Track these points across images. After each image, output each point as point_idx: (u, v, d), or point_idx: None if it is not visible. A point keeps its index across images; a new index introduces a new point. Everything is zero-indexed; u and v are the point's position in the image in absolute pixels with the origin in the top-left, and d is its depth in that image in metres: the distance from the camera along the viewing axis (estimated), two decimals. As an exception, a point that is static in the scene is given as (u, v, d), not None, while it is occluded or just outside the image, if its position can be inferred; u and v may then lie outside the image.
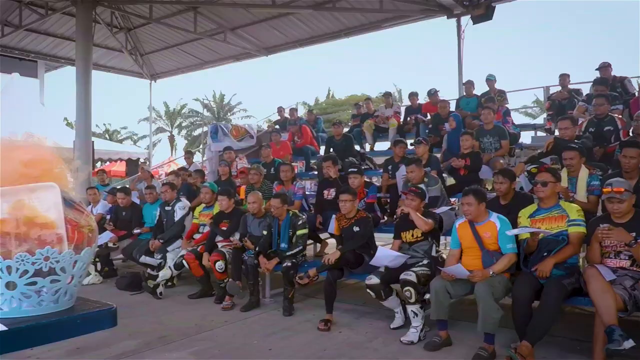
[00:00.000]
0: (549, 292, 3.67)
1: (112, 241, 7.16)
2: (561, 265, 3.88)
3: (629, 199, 3.73)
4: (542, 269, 3.79)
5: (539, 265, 3.83)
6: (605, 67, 8.08)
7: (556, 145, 5.51)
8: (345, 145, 8.61)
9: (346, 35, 13.21)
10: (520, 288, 3.84)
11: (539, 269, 3.82)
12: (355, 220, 5.15)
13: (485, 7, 10.19)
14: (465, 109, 9.15)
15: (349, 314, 5.26)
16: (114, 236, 7.20)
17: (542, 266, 3.81)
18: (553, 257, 3.82)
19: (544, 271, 3.78)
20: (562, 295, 3.67)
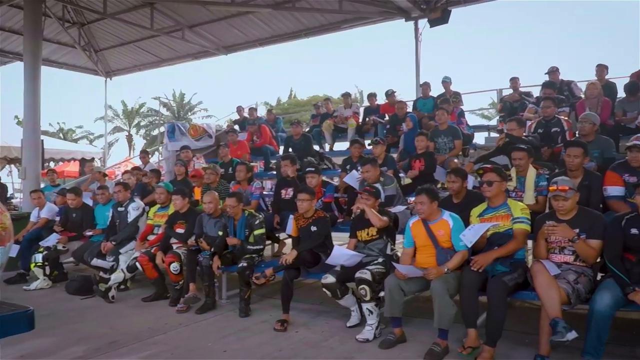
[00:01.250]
0: (491, 290, 3.79)
1: (62, 242, 6.89)
2: (507, 261, 4.00)
3: (573, 197, 3.88)
4: (480, 261, 3.88)
5: (479, 256, 3.92)
6: (553, 72, 8.41)
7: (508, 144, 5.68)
8: (304, 145, 8.62)
9: (306, 35, 13.23)
10: (467, 276, 3.93)
11: (477, 260, 3.90)
12: (313, 219, 5.15)
13: (441, 10, 10.41)
14: (422, 110, 9.32)
15: (306, 313, 5.25)
16: (63, 237, 6.93)
17: (482, 258, 3.90)
18: (495, 251, 3.93)
19: (480, 263, 3.87)
20: (505, 292, 3.78)
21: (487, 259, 3.91)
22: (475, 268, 3.87)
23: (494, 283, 3.81)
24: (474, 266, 3.89)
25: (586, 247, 3.77)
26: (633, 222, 3.65)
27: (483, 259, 3.90)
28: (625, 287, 3.48)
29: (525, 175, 4.90)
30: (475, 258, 3.92)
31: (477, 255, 3.97)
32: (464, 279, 3.93)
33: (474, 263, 3.90)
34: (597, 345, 3.46)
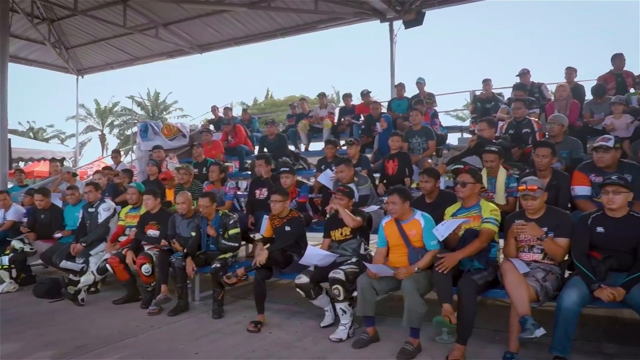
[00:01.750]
0: (462, 289, 3.83)
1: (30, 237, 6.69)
2: (482, 258, 4.05)
3: (541, 196, 3.95)
4: (446, 262, 3.90)
5: (446, 258, 3.94)
6: (524, 74, 8.57)
7: (479, 144, 5.75)
8: (279, 145, 8.59)
9: (282, 35, 13.23)
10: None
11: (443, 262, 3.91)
12: (287, 220, 5.13)
13: (415, 12, 10.54)
14: (397, 111, 9.39)
15: (280, 314, 5.23)
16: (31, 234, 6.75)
17: (448, 260, 3.92)
18: (461, 252, 3.97)
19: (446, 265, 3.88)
20: (474, 290, 3.82)
21: (453, 260, 3.94)
22: (441, 270, 3.90)
23: (464, 282, 3.85)
24: (439, 268, 3.91)
25: (554, 245, 3.84)
26: (599, 220, 3.73)
27: (449, 261, 3.93)
28: (591, 284, 3.55)
29: (496, 177, 4.98)
30: (441, 261, 3.93)
31: (444, 255, 3.98)
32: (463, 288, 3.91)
33: (439, 265, 3.92)
34: (564, 341, 3.52)
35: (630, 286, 3.45)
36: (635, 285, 3.46)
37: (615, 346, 4.12)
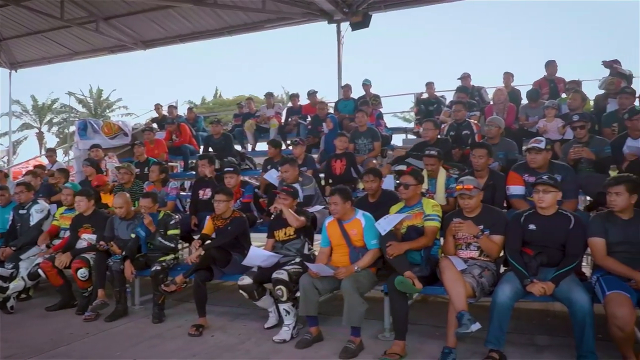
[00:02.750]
0: (390, 286, 3.92)
1: None
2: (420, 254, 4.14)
3: (477, 195, 4.09)
4: (392, 249, 3.97)
5: (393, 245, 4.00)
6: (465, 77, 8.87)
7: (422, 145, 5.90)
8: (225, 145, 8.46)
9: (229, 33, 13.06)
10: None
11: (390, 249, 3.98)
12: (231, 220, 5.06)
13: (362, 14, 10.66)
14: (343, 112, 9.48)
15: (223, 316, 5.14)
16: None
17: (395, 247, 3.99)
18: (408, 243, 4.07)
19: (392, 251, 3.96)
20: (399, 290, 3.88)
21: (400, 248, 4.01)
22: (389, 255, 3.97)
23: (389, 282, 3.94)
24: (387, 253, 3.98)
25: (489, 242, 3.99)
26: (531, 218, 3.90)
27: (396, 248, 3.99)
28: (524, 279, 3.70)
29: (437, 177, 5.11)
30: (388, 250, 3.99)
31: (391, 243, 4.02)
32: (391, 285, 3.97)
33: (388, 251, 3.98)
34: (499, 334, 3.65)
35: (559, 280, 3.62)
36: (564, 279, 3.63)
37: (547, 338, 4.32)
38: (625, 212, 3.67)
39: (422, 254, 4.14)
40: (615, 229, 3.66)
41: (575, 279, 3.74)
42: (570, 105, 6.90)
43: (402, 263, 3.95)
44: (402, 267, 3.92)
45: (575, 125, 5.40)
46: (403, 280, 3.80)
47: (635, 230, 3.62)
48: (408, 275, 3.85)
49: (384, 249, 4.06)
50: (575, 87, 7.65)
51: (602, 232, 3.68)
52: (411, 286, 3.82)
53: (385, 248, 4.04)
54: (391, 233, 4.17)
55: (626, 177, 3.76)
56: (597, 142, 5.40)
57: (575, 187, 4.72)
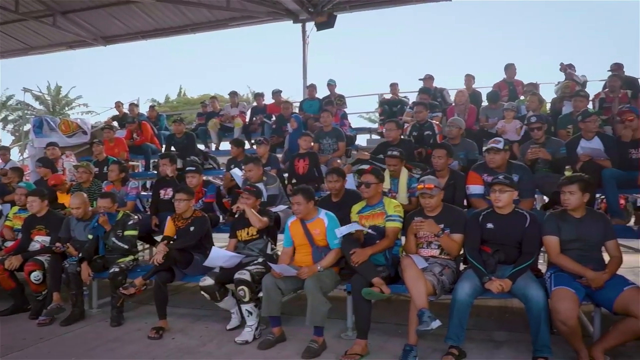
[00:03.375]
0: (353, 286, 3.96)
1: None
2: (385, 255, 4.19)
3: (438, 195, 4.16)
4: (357, 257, 3.99)
5: (357, 253, 4.02)
6: (428, 79, 9.01)
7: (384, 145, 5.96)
8: (187, 144, 8.32)
9: (193, 30, 12.91)
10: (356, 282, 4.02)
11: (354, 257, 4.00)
12: (192, 220, 4.98)
13: (327, 15, 10.69)
14: (308, 111, 9.48)
15: (184, 318, 5.05)
16: None
17: (359, 255, 4.00)
18: (371, 248, 4.08)
19: (357, 259, 3.97)
20: (364, 286, 3.90)
21: (364, 255, 4.02)
22: (354, 263, 3.98)
23: (355, 279, 3.97)
24: (352, 261, 3.98)
25: (450, 241, 4.06)
26: (488, 217, 3.99)
27: (360, 255, 4.01)
28: (482, 276, 3.79)
29: (399, 177, 5.17)
30: (352, 257, 4.00)
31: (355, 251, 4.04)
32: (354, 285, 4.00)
33: (352, 261, 3.99)
34: (458, 331, 3.72)
35: (516, 277, 3.72)
36: (520, 276, 3.73)
37: (505, 333, 4.42)
38: (578, 211, 3.80)
39: (386, 255, 4.18)
40: (568, 227, 3.78)
41: (531, 275, 3.84)
42: (528, 107, 7.11)
43: (368, 269, 3.96)
44: (369, 273, 3.95)
45: (532, 126, 5.56)
46: (370, 292, 3.83)
47: (586, 228, 3.76)
48: (376, 282, 3.88)
49: (348, 256, 4.06)
50: (532, 90, 7.89)
51: (556, 231, 3.80)
52: (379, 294, 3.85)
53: (349, 255, 4.05)
54: (353, 237, 4.20)
55: (579, 176, 3.89)
56: (553, 143, 5.57)
57: (531, 186, 4.86)
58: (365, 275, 3.94)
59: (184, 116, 21.31)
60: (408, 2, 11.23)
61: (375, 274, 3.95)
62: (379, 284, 3.88)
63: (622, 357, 3.75)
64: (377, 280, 3.90)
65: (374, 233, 4.24)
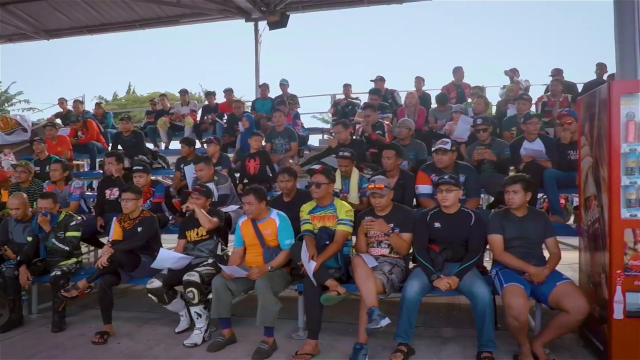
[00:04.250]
0: (305, 287, 3.99)
1: None
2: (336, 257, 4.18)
3: (388, 194, 4.21)
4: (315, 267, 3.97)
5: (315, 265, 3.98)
6: (378, 80, 9.14)
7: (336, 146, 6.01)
8: (135, 142, 8.06)
9: (142, 26, 12.56)
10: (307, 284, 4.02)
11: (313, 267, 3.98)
12: (139, 220, 4.83)
13: (280, 14, 10.66)
14: (260, 111, 9.42)
15: (131, 322, 4.91)
16: None
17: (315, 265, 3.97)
18: (322, 256, 4.05)
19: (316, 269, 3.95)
20: (316, 288, 3.92)
21: (317, 264, 3.98)
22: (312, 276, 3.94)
23: (307, 281, 3.97)
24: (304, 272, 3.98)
25: (399, 240, 4.13)
26: (436, 216, 4.09)
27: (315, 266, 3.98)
28: (431, 274, 3.87)
29: (350, 177, 5.21)
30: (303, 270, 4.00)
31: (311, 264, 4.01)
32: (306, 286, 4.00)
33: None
34: (407, 328, 3.80)
35: (463, 275, 3.83)
36: (467, 273, 3.84)
37: (452, 330, 4.55)
38: (520, 210, 3.95)
39: (337, 256, 4.19)
40: (511, 226, 3.93)
41: (477, 272, 3.96)
42: (474, 110, 7.34)
43: (322, 274, 3.96)
44: (322, 278, 3.95)
45: (478, 128, 5.74)
46: (329, 297, 3.83)
47: (528, 226, 3.91)
48: (330, 284, 3.89)
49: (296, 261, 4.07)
50: (479, 93, 8.15)
51: (500, 229, 3.94)
52: (336, 297, 3.86)
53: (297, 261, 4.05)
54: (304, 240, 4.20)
55: (522, 176, 4.05)
56: (498, 144, 5.77)
57: (477, 186, 5.03)
58: (318, 279, 3.94)
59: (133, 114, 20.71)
60: (360, 4, 11.35)
61: (328, 277, 3.96)
62: (334, 286, 3.89)
63: (561, 349, 3.93)
64: (331, 282, 3.91)
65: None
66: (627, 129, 3.45)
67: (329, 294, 3.84)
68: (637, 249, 3.40)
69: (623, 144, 3.44)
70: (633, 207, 3.45)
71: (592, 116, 3.84)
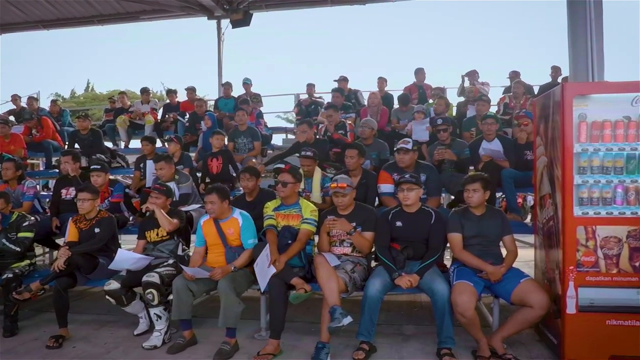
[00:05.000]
0: (271, 288, 3.94)
1: None
2: (300, 256, 4.19)
3: (350, 193, 4.24)
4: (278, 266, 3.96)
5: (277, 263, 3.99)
6: (341, 80, 9.18)
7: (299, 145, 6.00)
8: (93, 141, 7.82)
9: (100, 22, 12.23)
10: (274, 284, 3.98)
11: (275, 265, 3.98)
12: (97, 221, 4.69)
13: (243, 12, 10.57)
14: (223, 110, 9.31)
15: (88, 325, 4.76)
16: None
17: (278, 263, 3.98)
18: (285, 255, 4.05)
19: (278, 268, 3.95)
20: (280, 287, 3.91)
21: (281, 262, 3.97)
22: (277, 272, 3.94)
23: (272, 281, 3.94)
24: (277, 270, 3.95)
25: (361, 239, 4.16)
26: (397, 215, 4.14)
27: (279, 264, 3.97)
28: (392, 272, 3.91)
29: (312, 177, 5.21)
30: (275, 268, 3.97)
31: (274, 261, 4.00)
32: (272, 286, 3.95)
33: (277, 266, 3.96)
34: (369, 326, 3.82)
35: (423, 272, 3.89)
36: (427, 271, 3.90)
37: (413, 327, 4.61)
38: (479, 208, 4.04)
39: (301, 255, 4.19)
40: (470, 224, 4.01)
41: (437, 270, 4.03)
42: (435, 110, 7.47)
43: (285, 272, 3.95)
44: (287, 276, 3.94)
45: (439, 128, 5.85)
46: (297, 295, 3.83)
47: (486, 224, 4.01)
48: (295, 283, 3.89)
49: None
50: (440, 94, 8.31)
51: (459, 228, 4.02)
52: (304, 295, 3.86)
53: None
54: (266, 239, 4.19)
55: (481, 175, 4.15)
56: (458, 144, 5.89)
57: (438, 185, 5.11)
58: (283, 278, 3.93)
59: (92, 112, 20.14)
60: (323, 4, 11.39)
61: (293, 275, 3.96)
62: (300, 284, 3.89)
63: (518, 344, 4.04)
64: (296, 280, 3.92)
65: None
66: (579, 130, 3.58)
67: (296, 292, 3.84)
68: (588, 245, 3.53)
69: (576, 144, 3.57)
70: (585, 205, 3.58)
71: (546, 117, 3.97)
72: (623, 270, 3.49)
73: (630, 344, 3.45)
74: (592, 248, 3.53)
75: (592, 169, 3.58)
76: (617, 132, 3.55)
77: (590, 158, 3.59)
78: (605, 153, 3.57)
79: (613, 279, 3.51)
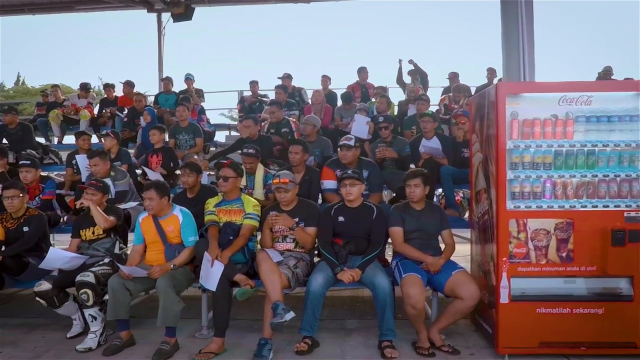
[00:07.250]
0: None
1: None
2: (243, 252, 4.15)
3: (293, 189, 4.25)
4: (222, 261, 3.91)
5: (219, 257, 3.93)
6: (285, 77, 9.16)
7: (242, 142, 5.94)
8: (22, 136, 7.40)
9: (31, 11, 11.57)
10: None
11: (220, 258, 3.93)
12: (25, 219, 4.46)
13: (184, 6, 10.34)
14: (164, 106, 9.06)
15: (16, 329, 4.51)
16: None
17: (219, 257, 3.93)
18: (229, 250, 4.00)
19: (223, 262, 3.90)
20: (223, 284, 3.85)
21: (224, 258, 3.92)
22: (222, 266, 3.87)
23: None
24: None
25: (304, 234, 4.18)
26: (340, 211, 4.19)
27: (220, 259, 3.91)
28: (335, 267, 3.95)
29: (255, 174, 5.18)
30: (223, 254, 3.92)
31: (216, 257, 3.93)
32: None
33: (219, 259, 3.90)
34: (312, 321, 3.85)
35: (365, 267, 3.95)
36: (369, 266, 3.96)
37: (356, 321, 4.69)
38: (419, 203, 4.15)
39: (244, 251, 4.15)
40: (411, 219, 4.11)
41: (378, 264, 4.11)
42: (377, 109, 7.61)
43: (229, 269, 3.90)
44: (230, 273, 3.89)
45: (380, 126, 5.96)
46: (244, 291, 3.81)
47: (426, 219, 4.12)
48: (239, 279, 3.85)
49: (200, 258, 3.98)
50: (382, 93, 8.47)
51: (400, 222, 4.11)
52: (251, 290, 3.84)
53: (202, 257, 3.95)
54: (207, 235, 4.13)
55: (422, 171, 4.26)
56: (399, 142, 6.02)
57: (380, 181, 5.21)
58: (227, 274, 3.88)
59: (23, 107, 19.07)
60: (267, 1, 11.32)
61: (236, 272, 3.92)
62: (244, 280, 3.86)
63: (455, 335, 4.20)
64: (240, 277, 3.88)
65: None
66: (511, 127, 3.75)
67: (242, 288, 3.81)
68: (520, 237, 3.70)
69: (508, 141, 3.74)
70: (517, 200, 3.75)
71: (482, 116, 4.13)
72: (551, 260, 3.68)
73: (558, 331, 3.64)
74: (524, 240, 3.69)
75: (524, 165, 3.75)
76: (546, 130, 3.74)
77: (522, 154, 3.76)
78: (536, 149, 3.75)
79: (542, 269, 3.70)
